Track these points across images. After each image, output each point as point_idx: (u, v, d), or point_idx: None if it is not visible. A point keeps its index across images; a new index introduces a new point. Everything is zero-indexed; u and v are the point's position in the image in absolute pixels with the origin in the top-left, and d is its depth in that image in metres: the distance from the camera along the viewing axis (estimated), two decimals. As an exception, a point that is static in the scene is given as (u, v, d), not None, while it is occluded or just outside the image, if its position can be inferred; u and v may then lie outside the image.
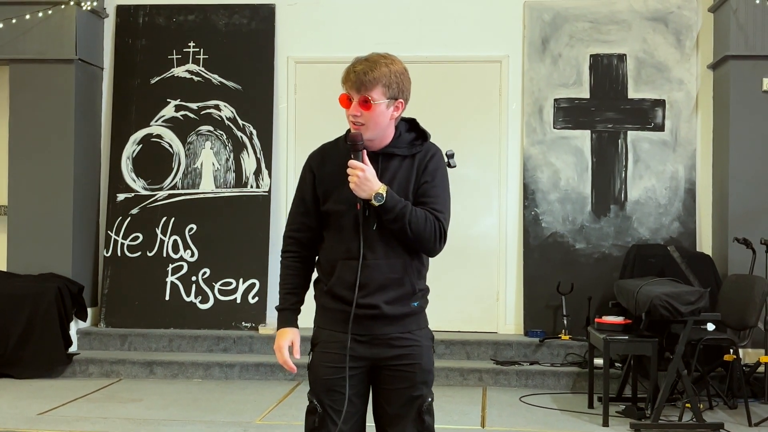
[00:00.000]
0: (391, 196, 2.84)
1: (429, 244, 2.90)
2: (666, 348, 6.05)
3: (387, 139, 2.98)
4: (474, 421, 5.85)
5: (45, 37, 7.44)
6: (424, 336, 3.01)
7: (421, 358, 2.97)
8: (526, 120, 7.67)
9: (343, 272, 2.93)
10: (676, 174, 7.55)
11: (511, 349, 7.23)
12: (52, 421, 5.67)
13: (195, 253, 7.71)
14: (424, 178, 2.94)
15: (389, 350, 2.94)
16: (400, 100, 2.96)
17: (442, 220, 2.91)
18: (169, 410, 6.03)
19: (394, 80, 2.92)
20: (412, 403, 2.96)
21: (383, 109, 2.91)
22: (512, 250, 7.69)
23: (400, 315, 2.94)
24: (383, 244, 2.91)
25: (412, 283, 2.95)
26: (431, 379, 3.01)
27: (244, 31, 7.91)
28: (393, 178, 2.93)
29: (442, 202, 2.95)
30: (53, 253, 7.44)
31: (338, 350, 2.93)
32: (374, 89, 2.88)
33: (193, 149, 7.85)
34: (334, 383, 2.94)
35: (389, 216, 2.85)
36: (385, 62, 2.94)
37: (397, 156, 2.97)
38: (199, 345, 7.43)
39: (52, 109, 7.49)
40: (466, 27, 7.78)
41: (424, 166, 2.96)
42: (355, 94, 2.90)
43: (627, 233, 7.52)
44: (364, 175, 2.82)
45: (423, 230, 2.87)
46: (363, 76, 2.88)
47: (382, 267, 2.90)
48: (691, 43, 7.60)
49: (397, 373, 2.95)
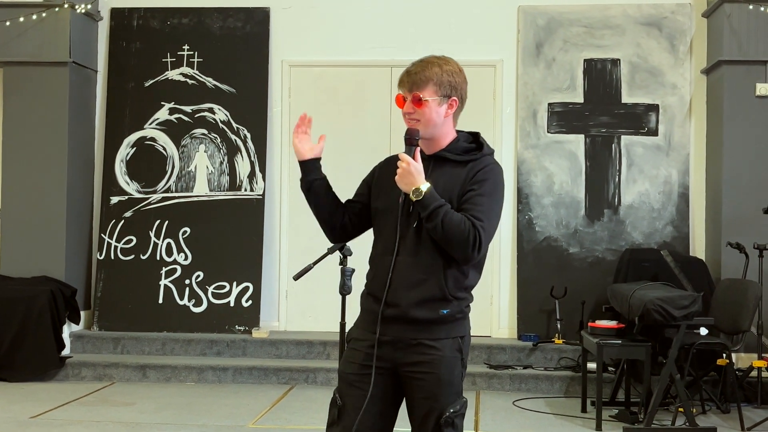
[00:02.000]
0: (430, 194, 2.85)
1: (461, 248, 2.85)
2: (659, 352, 6.06)
3: (443, 142, 3.02)
4: (467, 425, 5.80)
5: (39, 39, 7.43)
6: (449, 346, 2.93)
7: (440, 369, 2.89)
8: (520, 124, 7.68)
9: (378, 269, 2.97)
10: (670, 178, 7.56)
11: (504, 353, 7.23)
12: (44, 425, 5.65)
13: (188, 256, 7.70)
14: (470, 186, 2.93)
15: (410, 355, 2.91)
16: (454, 98, 3.04)
17: (478, 227, 2.85)
18: (162, 414, 6.02)
19: (446, 79, 3.02)
20: (430, 415, 2.89)
21: (435, 107, 2.98)
22: (506, 254, 7.69)
23: (426, 320, 2.89)
24: (419, 243, 2.90)
25: (443, 288, 2.89)
26: (454, 391, 2.91)
27: (238, 35, 7.91)
28: (440, 181, 2.93)
29: (485, 211, 2.90)
30: (46, 256, 7.43)
31: (364, 349, 2.95)
32: (426, 88, 2.98)
33: (187, 152, 7.84)
34: (353, 380, 2.95)
35: (424, 213, 2.84)
36: (437, 62, 3.05)
37: (449, 161, 2.99)
38: (192, 348, 7.42)
39: (46, 112, 7.48)
40: (460, 31, 7.79)
41: (473, 174, 2.95)
42: (408, 93, 3.00)
43: (620, 237, 7.53)
44: (408, 168, 2.86)
45: (455, 233, 2.82)
46: (415, 76, 3.00)
47: (413, 265, 2.90)
48: (684, 48, 7.61)
49: (415, 381, 2.91)
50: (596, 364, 5.78)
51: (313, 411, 5.94)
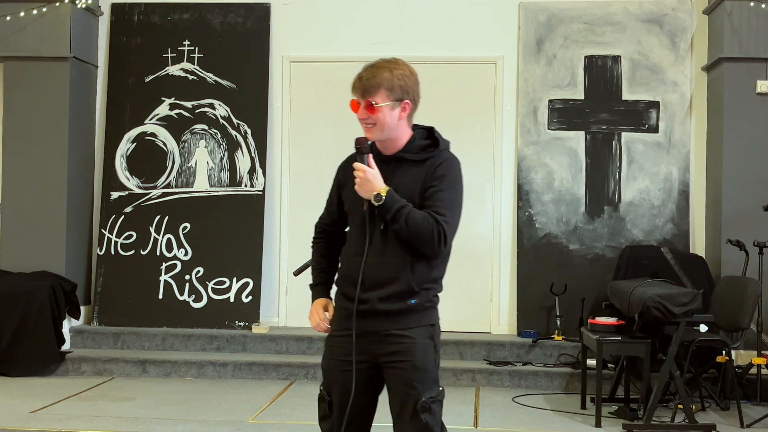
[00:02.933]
0: (390, 197, 2.96)
1: (427, 244, 2.98)
2: (659, 349, 6.06)
3: (400, 143, 3.11)
4: (467, 421, 5.85)
5: (40, 34, 7.43)
6: (420, 334, 3.04)
7: (414, 356, 3.00)
8: (521, 121, 7.68)
9: (348, 269, 3.09)
10: (670, 176, 7.56)
11: (504, 349, 7.24)
12: (44, 420, 5.66)
13: (189, 251, 7.70)
14: (431, 183, 3.04)
15: (385, 346, 3.02)
16: (406, 101, 3.10)
17: (442, 222, 2.97)
18: (162, 409, 6.02)
19: (397, 83, 3.06)
20: (408, 402, 3.00)
21: (389, 111, 3.05)
22: (506, 251, 7.70)
23: (395, 311, 3.01)
24: (386, 244, 3.02)
25: (410, 282, 3.00)
26: (429, 377, 3.02)
27: (239, 30, 7.90)
28: (401, 181, 3.04)
29: (447, 206, 3.02)
30: (46, 251, 7.43)
31: (340, 344, 3.07)
32: (377, 93, 3.04)
33: (187, 148, 7.84)
34: (335, 376, 3.08)
35: (388, 215, 2.97)
36: (388, 66, 3.09)
37: (407, 161, 3.09)
38: (192, 344, 7.42)
39: (47, 107, 7.48)
40: (461, 27, 7.79)
41: (433, 170, 3.05)
42: (361, 98, 3.07)
43: (621, 234, 7.53)
44: (364, 176, 2.98)
45: (420, 231, 2.94)
46: (366, 82, 3.06)
47: (381, 265, 3.01)
48: (685, 45, 7.61)
49: (392, 371, 3.03)
50: (596, 360, 5.78)
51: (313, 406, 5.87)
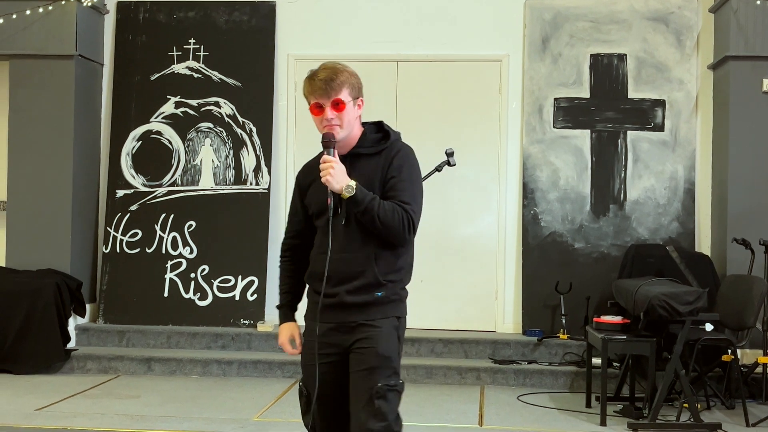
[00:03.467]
0: (360, 189, 3.03)
1: (398, 234, 3.06)
2: (664, 348, 6.06)
3: (353, 141, 3.19)
4: (472, 419, 5.85)
5: (45, 32, 7.44)
6: (386, 324, 3.12)
7: (378, 343, 3.08)
8: (526, 119, 7.67)
9: (315, 266, 3.17)
10: (676, 174, 7.55)
11: (509, 348, 7.23)
12: (49, 417, 5.67)
13: (194, 249, 7.71)
14: (390, 173, 3.12)
15: (352, 336, 3.10)
16: (360, 97, 3.21)
17: (409, 211, 3.07)
18: (167, 407, 6.03)
19: (355, 81, 3.17)
20: (365, 386, 3.05)
21: (351, 108, 3.15)
22: (511, 249, 7.69)
23: (362, 303, 3.09)
24: (349, 239, 3.09)
25: (377, 275, 3.08)
26: (389, 365, 3.08)
27: (244, 28, 7.91)
28: (360, 176, 3.10)
29: (410, 194, 3.10)
30: (52, 248, 7.44)
31: (312, 338, 3.14)
32: (342, 91, 3.12)
33: (192, 146, 7.85)
34: (312, 369, 3.13)
35: (359, 208, 3.03)
36: (339, 68, 3.16)
37: (363, 155, 3.17)
38: (197, 342, 7.43)
39: (52, 105, 7.49)
40: (466, 25, 7.78)
41: (389, 162, 3.14)
42: (326, 100, 3.11)
43: (626, 233, 7.52)
44: (337, 168, 3.03)
45: (391, 221, 3.03)
46: (330, 82, 3.10)
47: (346, 260, 3.08)
48: (691, 44, 7.60)
49: (356, 356, 3.09)
50: (601, 359, 5.77)
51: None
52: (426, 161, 6.05)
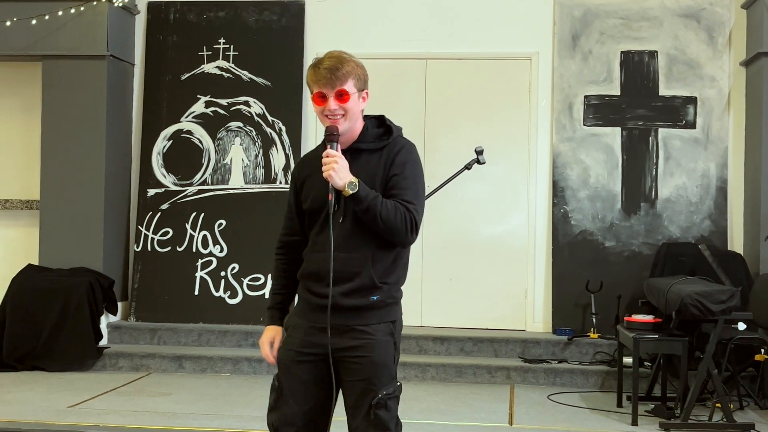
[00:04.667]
0: (362, 186, 2.92)
1: (400, 234, 2.95)
2: (696, 347, 6.01)
3: (355, 135, 3.07)
4: (502, 418, 5.84)
5: (77, 33, 7.50)
6: (381, 330, 3.00)
7: (373, 351, 2.97)
8: (556, 117, 7.64)
9: (309, 264, 3.06)
10: (708, 172, 7.48)
11: (539, 347, 7.21)
12: (82, 414, 5.72)
13: (224, 248, 7.75)
14: (393, 171, 3.00)
15: (344, 340, 2.98)
16: (365, 90, 3.09)
17: (412, 210, 2.96)
18: (198, 404, 6.07)
19: (360, 72, 3.05)
20: (365, 397, 2.97)
21: (356, 100, 3.02)
22: (541, 248, 7.66)
23: (357, 307, 2.98)
24: (347, 237, 2.97)
25: (373, 277, 2.98)
26: (387, 373, 2.99)
27: (273, 28, 7.93)
28: (361, 172, 2.98)
29: (413, 193, 2.99)
30: (85, 247, 7.51)
31: (299, 336, 3.06)
32: (347, 81, 2.99)
33: (222, 145, 7.89)
34: (290, 366, 3.06)
35: (361, 206, 2.91)
36: (346, 58, 3.04)
37: (364, 151, 3.05)
38: (227, 340, 7.47)
39: (84, 105, 7.56)
40: (496, 24, 7.76)
41: (392, 159, 3.02)
42: (330, 90, 2.98)
43: (657, 231, 7.46)
44: (340, 164, 2.91)
45: (394, 220, 2.92)
46: (336, 71, 2.98)
47: (342, 260, 2.96)
48: (723, 40, 7.52)
49: (350, 365, 2.99)
50: (632, 358, 5.73)
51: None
52: (455, 159, 6.06)
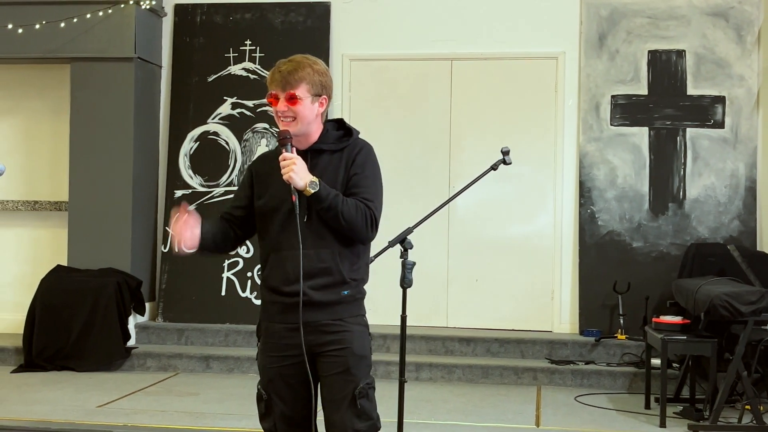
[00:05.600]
0: (323, 186, 3.00)
1: (361, 231, 3.04)
2: (725, 348, 5.95)
3: (314, 137, 3.15)
4: (528, 420, 5.81)
5: (105, 35, 7.56)
6: (356, 323, 3.11)
7: (352, 343, 3.06)
8: (583, 117, 7.60)
9: (274, 264, 3.10)
10: (737, 172, 7.41)
11: (566, 348, 7.17)
12: (111, 414, 5.77)
13: (250, 249, 7.78)
14: (353, 171, 3.09)
15: (321, 336, 3.05)
16: (324, 96, 3.16)
17: (372, 208, 3.05)
18: (226, 404, 6.09)
19: (318, 79, 3.12)
20: (346, 388, 3.04)
21: (308, 105, 3.09)
22: (567, 249, 7.62)
23: (329, 302, 3.05)
24: (313, 235, 3.04)
25: (342, 272, 3.06)
26: (365, 364, 3.10)
27: (299, 29, 7.95)
28: (323, 172, 3.07)
29: (372, 192, 3.09)
30: (113, 248, 7.56)
31: (274, 340, 3.11)
32: (299, 86, 3.07)
33: (249, 146, 7.92)
34: (273, 372, 3.11)
35: (323, 205, 2.99)
36: (308, 62, 3.15)
37: (325, 151, 3.13)
38: (254, 340, 7.41)
39: (112, 107, 7.61)
40: (522, 23, 7.73)
41: (353, 159, 3.11)
42: (281, 92, 3.08)
43: (686, 232, 7.40)
44: (299, 165, 2.99)
45: (355, 218, 3.00)
46: (288, 76, 3.08)
47: (311, 257, 3.03)
48: (752, 39, 7.45)
49: (330, 359, 3.05)
50: (660, 360, 5.69)
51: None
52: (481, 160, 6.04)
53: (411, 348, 7.13)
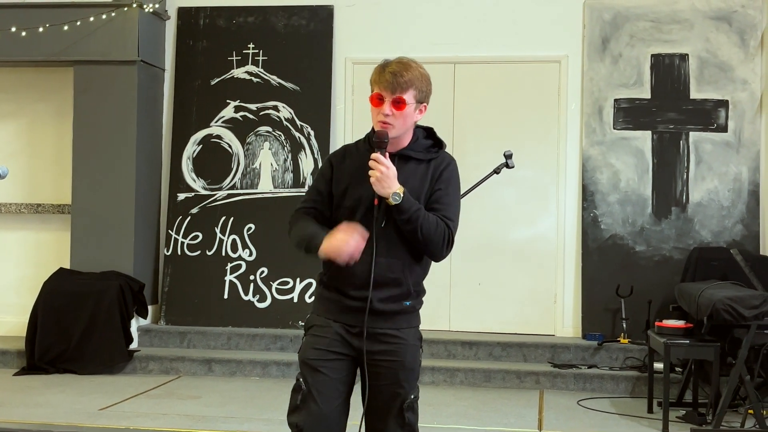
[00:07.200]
0: (407, 198, 2.93)
1: (437, 248, 2.99)
2: (728, 353, 5.94)
3: (404, 143, 3.07)
4: (531, 424, 5.81)
5: (108, 39, 7.57)
6: (411, 335, 3.09)
7: (405, 356, 3.04)
8: (586, 120, 7.59)
9: (344, 266, 2.99)
10: (740, 176, 7.41)
11: (569, 352, 7.16)
12: (113, 417, 5.77)
13: (253, 252, 7.78)
14: (438, 185, 3.03)
15: (376, 345, 3.02)
16: (425, 104, 3.06)
17: (451, 227, 3.01)
18: (228, 408, 6.09)
19: (424, 84, 3.03)
20: (394, 400, 3.03)
21: (411, 111, 3.01)
22: (570, 252, 7.61)
23: (391, 312, 3.03)
24: (386, 243, 2.98)
25: (409, 284, 3.04)
26: (414, 377, 3.08)
27: (302, 33, 7.96)
28: (407, 179, 2.99)
29: (453, 210, 3.05)
30: (115, 251, 7.56)
31: (328, 335, 3.06)
32: (408, 91, 2.98)
33: (252, 150, 7.92)
34: (318, 365, 3.05)
35: (403, 216, 2.92)
36: (416, 66, 3.04)
37: (412, 159, 3.05)
38: (256, 343, 7.49)
39: (115, 110, 7.62)
40: (525, 27, 7.73)
41: (439, 173, 3.05)
42: (389, 94, 2.97)
43: (688, 236, 7.40)
44: (387, 172, 2.91)
45: (433, 235, 2.95)
46: (399, 78, 2.96)
47: (382, 264, 2.98)
48: (755, 43, 7.44)
49: (381, 369, 3.02)
50: (663, 364, 5.69)
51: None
52: (484, 163, 6.05)
53: (413, 351, 7.12)
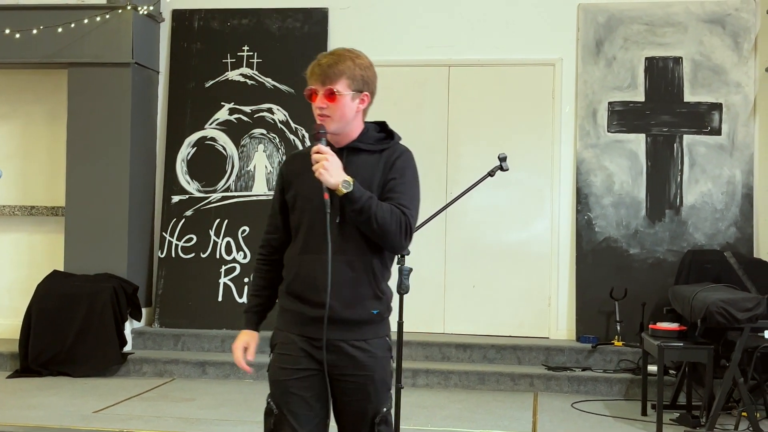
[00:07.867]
0: (357, 187, 2.76)
1: (395, 238, 2.80)
2: (722, 355, 5.95)
3: (353, 135, 2.94)
4: (525, 426, 5.81)
5: (102, 41, 7.57)
6: (380, 346, 2.90)
7: (375, 371, 2.88)
8: (580, 123, 7.60)
9: (300, 269, 2.88)
10: (733, 178, 7.42)
11: (563, 354, 7.17)
12: (106, 419, 5.76)
13: (247, 255, 7.77)
14: (391, 175, 2.88)
15: (342, 358, 2.85)
16: (366, 93, 2.94)
17: (408, 215, 2.82)
18: (221, 410, 6.09)
19: (359, 73, 2.91)
20: (365, 415, 2.89)
21: (348, 102, 2.88)
22: (564, 255, 7.62)
23: (356, 321, 2.85)
24: (344, 239, 2.83)
25: (371, 284, 2.86)
26: (386, 389, 2.93)
27: (297, 35, 7.96)
28: (357, 171, 2.85)
29: (409, 198, 2.87)
30: (109, 253, 7.55)
31: (293, 352, 2.90)
32: (338, 81, 2.86)
33: (246, 152, 7.92)
34: (288, 385, 2.90)
35: (355, 206, 2.75)
36: (349, 56, 2.93)
37: (363, 151, 2.92)
38: (250, 346, 7.47)
39: (109, 112, 7.61)
40: (519, 30, 7.74)
41: (392, 163, 2.91)
42: (320, 86, 2.87)
43: (682, 238, 7.41)
44: (332, 161, 2.76)
45: (389, 223, 2.77)
46: (328, 69, 2.87)
47: (343, 263, 2.82)
48: (749, 46, 7.46)
49: (350, 385, 2.87)
50: (657, 366, 5.69)
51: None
52: (478, 166, 6.05)
53: (408, 354, 7.13)
